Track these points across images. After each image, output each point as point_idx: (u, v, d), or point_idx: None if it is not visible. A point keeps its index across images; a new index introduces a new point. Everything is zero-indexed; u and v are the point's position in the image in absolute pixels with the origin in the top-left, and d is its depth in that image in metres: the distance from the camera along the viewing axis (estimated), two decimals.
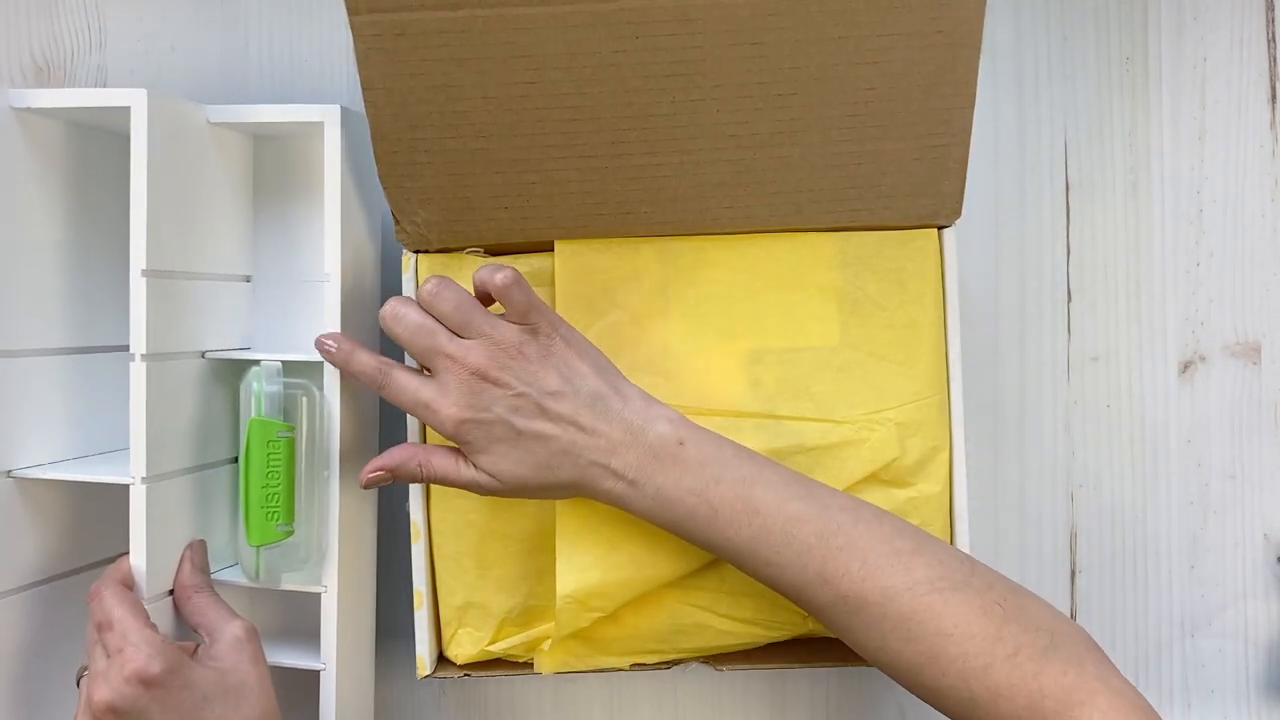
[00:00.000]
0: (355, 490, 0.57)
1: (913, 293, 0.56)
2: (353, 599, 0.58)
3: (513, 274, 0.50)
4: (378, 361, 0.52)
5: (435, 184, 0.53)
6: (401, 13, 0.49)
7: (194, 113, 0.56)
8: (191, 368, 0.56)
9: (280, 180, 0.61)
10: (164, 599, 0.53)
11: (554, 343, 0.51)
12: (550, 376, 0.50)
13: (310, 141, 0.60)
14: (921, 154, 0.54)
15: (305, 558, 0.55)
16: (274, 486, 0.54)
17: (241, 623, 0.52)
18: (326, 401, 0.55)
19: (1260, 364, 0.67)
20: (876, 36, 0.50)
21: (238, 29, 0.66)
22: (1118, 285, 0.67)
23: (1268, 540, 0.67)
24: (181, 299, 0.55)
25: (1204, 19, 0.67)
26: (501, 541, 0.56)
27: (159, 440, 0.53)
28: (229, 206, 0.59)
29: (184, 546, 0.55)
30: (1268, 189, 0.67)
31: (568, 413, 0.50)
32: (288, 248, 0.61)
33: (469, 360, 0.50)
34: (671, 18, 0.49)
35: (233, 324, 0.60)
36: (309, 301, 0.61)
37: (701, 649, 0.56)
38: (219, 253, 0.58)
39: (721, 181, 0.54)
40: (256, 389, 0.54)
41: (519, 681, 0.66)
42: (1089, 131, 0.67)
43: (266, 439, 0.53)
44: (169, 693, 0.48)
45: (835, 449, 0.55)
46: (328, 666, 0.56)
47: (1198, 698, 0.67)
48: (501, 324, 0.51)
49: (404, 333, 0.51)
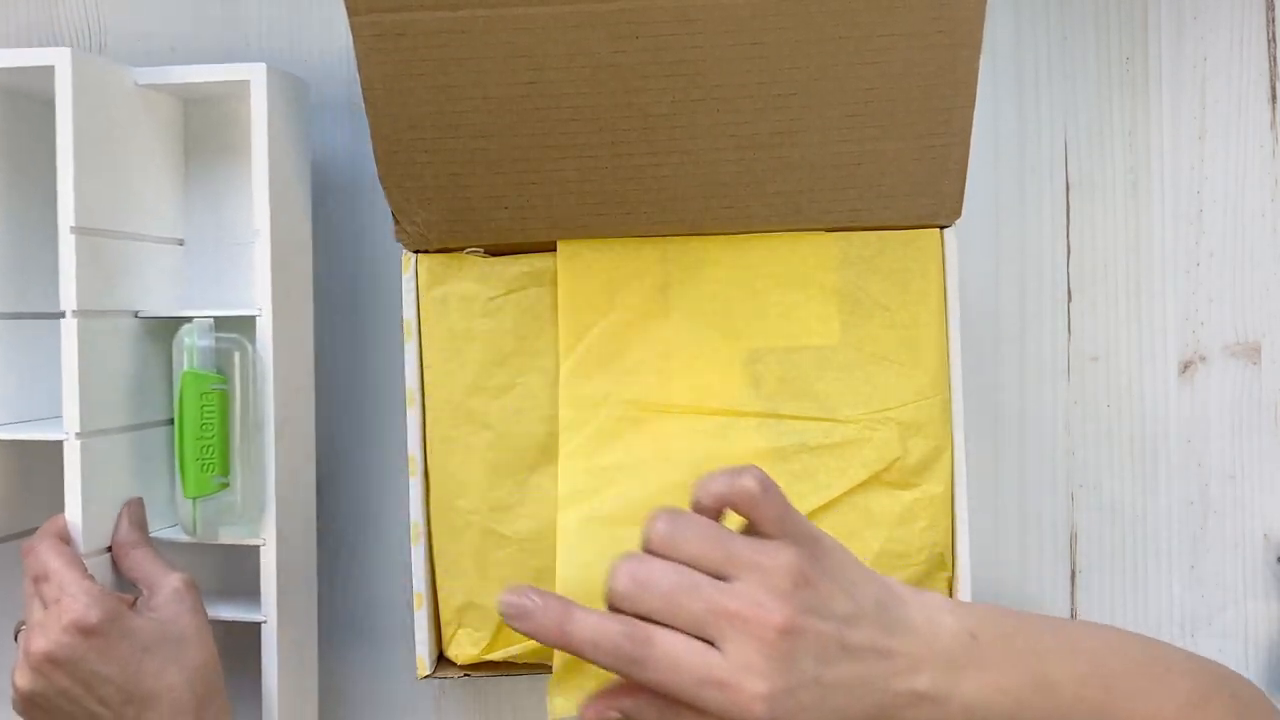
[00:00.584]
0: (291, 444, 0.58)
1: (915, 293, 0.56)
2: (291, 552, 0.59)
3: (759, 474, 0.40)
4: (620, 625, 0.39)
5: (435, 184, 0.53)
6: (401, 13, 0.49)
7: (121, 74, 0.57)
8: (125, 327, 0.57)
9: (211, 143, 0.62)
10: (101, 555, 0.54)
11: (820, 547, 0.41)
12: (839, 597, 0.40)
13: (240, 104, 0.60)
14: (921, 154, 0.54)
15: (242, 511, 0.56)
16: (208, 439, 0.54)
17: (180, 575, 0.53)
18: (259, 356, 0.56)
19: (1260, 364, 0.67)
20: (876, 36, 0.50)
21: (238, 29, 0.66)
22: (1118, 285, 0.67)
23: (1268, 540, 0.67)
24: (113, 259, 0.56)
25: (1204, 19, 0.67)
26: (501, 542, 0.56)
27: (92, 397, 0.53)
28: (160, 169, 0.60)
29: (121, 504, 0.55)
30: (1268, 189, 0.67)
31: (868, 641, 0.40)
32: (220, 210, 0.62)
33: (772, 618, 0.38)
34: (671, 18, 0.49)
35: (167, 286, 0.61)
36: (242, 263, 0.62)
37: None
38: (151, 215, 0.59)
39: (722, 181, 0.54)
40: (188, 343, 0.55)
41: (519, 681, 0.66)
42: (1089, 131, 0.67)
43: (200, 391, 0.54)
44: (108, 642, 0.48)
45: (838, 448, 0.55)
46: (269, 619, 0.56)
47: None
48: (766, 545, 0.40)
49: (661, 604, 0.39)
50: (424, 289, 0.57)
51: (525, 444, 0.56)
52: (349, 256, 0.66)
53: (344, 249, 0.66)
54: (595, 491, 0.55)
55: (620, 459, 0.55)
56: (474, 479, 0.56)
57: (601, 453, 0.55)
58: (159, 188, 0.60)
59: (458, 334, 0.56)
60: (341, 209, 0.66)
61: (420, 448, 0.57)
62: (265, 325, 0.56)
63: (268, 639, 0.56)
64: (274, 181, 0.57)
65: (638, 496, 0.54)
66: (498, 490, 0.56)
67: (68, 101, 0.52)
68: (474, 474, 0.56)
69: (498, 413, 0.56)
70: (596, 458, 0.55)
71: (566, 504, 0.54)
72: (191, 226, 0.62)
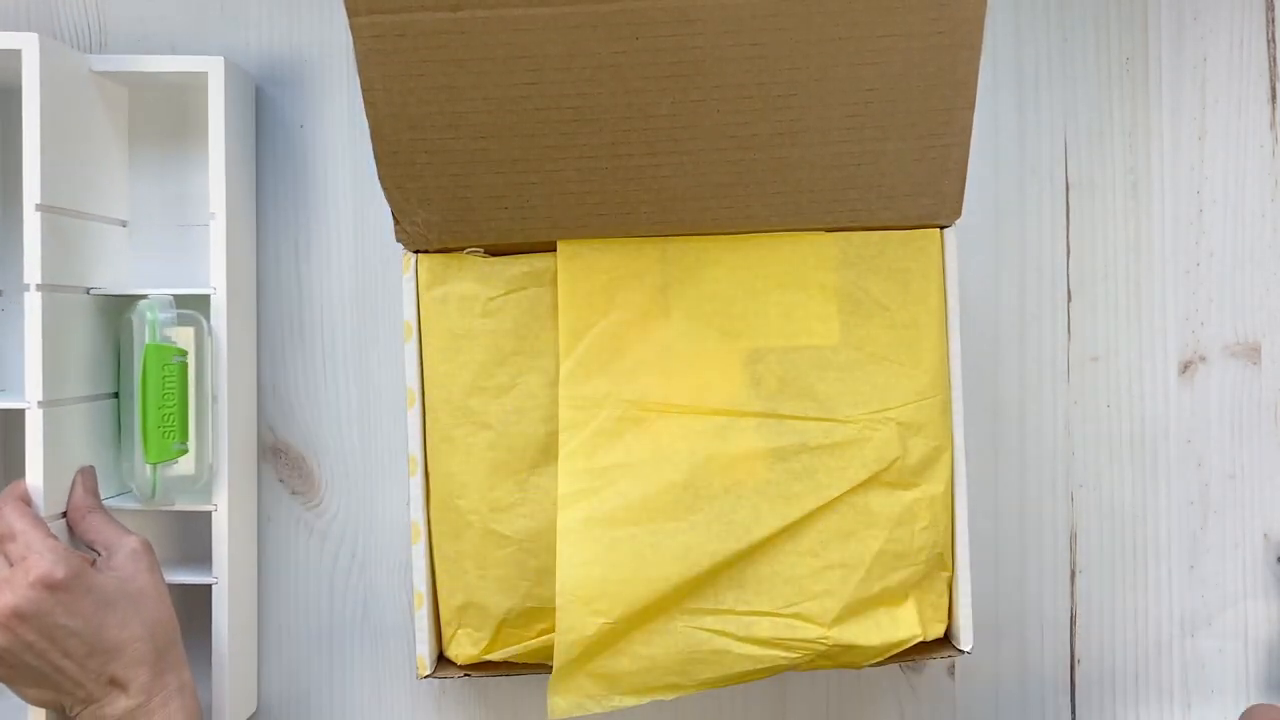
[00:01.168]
0: (241, 416, 0.63)
1: (916, 293, 0.56)
2: (240, 517, 0.63)
3: None
4: None
5: (435, 184, 0.53)
6: (401, 13, 0.49)
7: (78, 60, 0.60)
8: (78, 303, 0.60)
9: (156, 130, 0.65)
10: (58, 521, 0.57)
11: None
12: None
13: (185, 94, 0.64)
14: (921, 154, 0.53)
15: (199, 477, 0.60)
16: (169, 408, 0.58)
17: (136, 536, 0.56)
18: (215, 333, 0.60)
19: (1260, 364, 0.67)
20: (876, 37, 0.50)
21: (238, 29, 0.66)
22: (1118, 285, 0.67)
23: (1268, 540, 0.67)
24: (67, 236, 0.59)
25: (1204, 19, 0.67)
26: (501, 542, 0.56)
27: (53, 368, 0.57)
28: (108, 153, 0.64)
29: (75, 471, 0.58)
30: (1268, 189, 0.67)
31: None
32: (162, 194, 0.66)
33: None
34: (671, 18, 0.49)
35: (112, 265, 0.64)
36: (185, 245, 0.65)
37: (723, 678, 0.55)
38: (100, 195, 0.62)
39: (722, 182, 0.54)
40: (151, 317, 0.57)
41: (519, 681, 0.66)
42: (1089, 131, 0.67)
43: (162, 363, 0.57)
44: (73, 597, 0.50)
45: (838, 448, 0.55)
46: (220, 580, 0.60)
47: (1198, 698, 0.67)
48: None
49: None
50: (424, 289, 0.57)
51: (525, 444, 0.56)
52: (349, 256, 0.66)
53: (344, 249, 0.66)
54: (595, 491, 0.55)
55: (620, 459, 0.55)
56: (474, 479, 0.56)
57: (601, 453, 0.55)
58: (108, 171, 0.63)
59: (458, 334, 0.56)
60: (342, 209, 0.66)
61: (420, 448, 0.57)
62: (220, 302, 0.60)
63: (219, 599, 0.60)
64: (229, 167, 0.61)
65: (638, 496, 0.54)
66: (498, 490, 0.56)
67: (35, 84, 0.55)
68: (474, 474, 0.56)
69: (498, 413, 0.56)
70: (596, 458, 0.55)
71: (566, 504, 0.54)
72: (135, 209, 0.65)
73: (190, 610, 0.63)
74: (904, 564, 0.56)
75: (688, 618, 0.54)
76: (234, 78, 0.61)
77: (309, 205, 0.66)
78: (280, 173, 0.66)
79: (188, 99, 0.65)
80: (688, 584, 0.54)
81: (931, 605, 0.58)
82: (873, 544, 0.55)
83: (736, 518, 0.54)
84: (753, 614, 0.54)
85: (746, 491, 0.55)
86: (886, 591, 0.56)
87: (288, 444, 0.66)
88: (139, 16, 0.66)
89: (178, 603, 0.58)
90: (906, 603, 0.57)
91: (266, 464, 0.66)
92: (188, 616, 0.63)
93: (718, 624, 0.54)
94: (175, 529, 0.65)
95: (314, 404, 0.66)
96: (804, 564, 0.55)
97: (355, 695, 0.66)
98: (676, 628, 0.54)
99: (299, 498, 0.66)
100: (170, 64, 0.60)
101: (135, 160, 0.65)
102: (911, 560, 0.56)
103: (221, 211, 0.60)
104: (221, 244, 0.60)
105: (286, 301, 0.66)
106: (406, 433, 0.57)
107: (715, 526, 0.54)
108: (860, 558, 0.55)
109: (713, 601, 0.54)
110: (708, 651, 0.54)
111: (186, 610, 0.63)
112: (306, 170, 0.66)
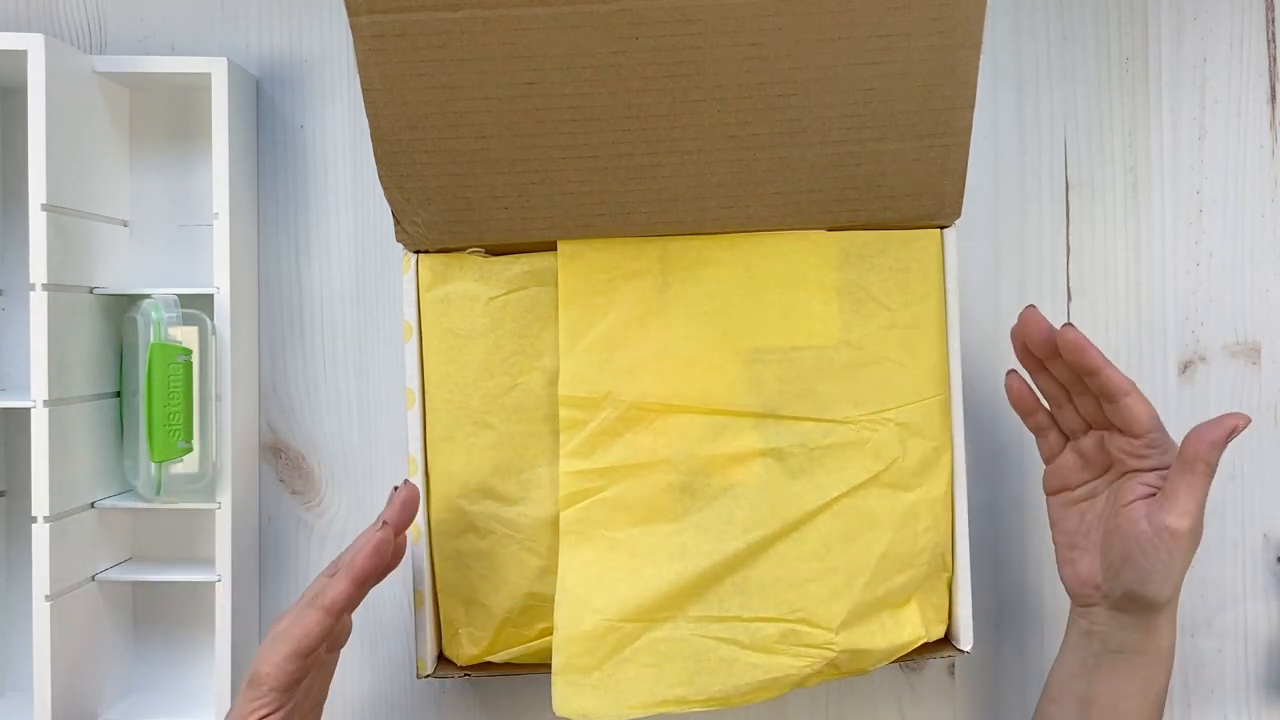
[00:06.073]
0: (243, 415, 0.63)
1: (916, 293, 0.56)
2: (243, 516, 0.63)
3: None
4: None
5: (435, 184, 0.53)
6: (401, 13, 0.49)
7: (82, 61, 0.61)
8: (82, 302, 0.60)
9: (157, 130, 0.66)
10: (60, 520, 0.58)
11: None
12: None
13: (186, 94, 0.65)
14: (921, 154, 0.54)
15: (202, 476, 0.60)
16: (174, 406, 0.58)
17: None
18: (218, 332, 0.60)
19: (1260, 364, 0.67)
20: (876, 37, 0.50)
21: (238, 29, 0.66)
22: (1118, 285, 0.67)
23: (1268, 540, 0.67)
24: (71, 236, 0.59)
25: (1204, 19, 0.67)
26: (501, 541, 0.56)
27: (57, 367, 0.57)
28: (111, 153, 0.64)
29: (78, 469, 0.59)
30: (1268, 189, 0.67)
31: None
32: (163, 194, 0.66)
33: None
34: (671, 18, 0.49)
35: (112, 265, 0.64)
36: (185, 245, 0.66)
37: (732, 690, 0.54)
38: (102, 196, 0.63)
39: (721, 182, 0.54)
40: (156, 317, 0.58)
41: (519, 681, 0.66)
42: (1089, 131, 0.67)
43: (168, 362, 0.58)
44: None
45: (837, 449, 0.55)
46: (223, 578, 0.61)
47: (1198, 698, 0.67)
48: None
49: None
50: (424, 289, 0.57)
51: (525, 444, 0.56)
52: (349, 256, 0.66)
53: (344, 249, 0.66)
54: (595, 491, 0.55)
55: (620, 459, 0.55)
56: (474, 478, 0.56)
57: (601, 452, 0.55)
58: (110, 171, 0.64)
59: (458, 334, 0.56)
60: (342, 209, 0.66)
61: (421, 448, 0.57)
62: (223, 302, 0.61)
63: (222, 597, 0.60)
64: (231, 168, 0.61)
65: (637, 496, 0.54)
66: (498, 490, 0.56)
67: (40, 84, 0.56)
68: (474, 473, 0.56)
69: (498, 412, 0.56)
70: (596, 457, 0.55)
71: (566, 504, 0.54)
72: (136, 209, 0.66)
73: (192, 609, 0.64)
74: (907, 566, 0.56)
75: (693, 625, 0.54)
76: (236, 78, 0.62)
77: (309, 205, 0.66)
78: (281, 173, 0.66)
79: (189, 99, 0.65)
80: (688, 584, 0.54)
81: (933, 606, 0.58)
82: (876, 547, 0.55)
83: (736, 518, 0.54)
84: (758, 620, 0.54)
85: (746, 491, 0.55)
86: (890, 594, 0.56)
87: (288, 444, 0.66)
88: (139, 17, 0.66)
89: (178, 602, 0.58)
90: (909, 605, 0.57)
91: (266, 464, 0.66)
92: (190, 615, 0.64)
93: (725, 631, 0.54)
94: (177, 527, 0.66)
95: (314, 404, 0.66)
96: (808, 568, 0.55)
97: (355, 695, 0.66)
98: (682, 636, 0.54)
99: (299, 498, 0.66)
100: (173, 65, 0.61)
101: (136, 160, 0.66)
102: (914, 562, 0.56)
103: (224, 211, 0.60)
104: (225, 243, 0.61)
105: (287, 301, 0.66)
106: (406, 433, 0.57)
107: (714, 526, 0.54)
108: (864, 561, 0.55)
109: (718, 608, 0.54)
110: (715, 660, 0.54)
111: (188, 609, 0.63)
112: (307, 170, 0.66)
